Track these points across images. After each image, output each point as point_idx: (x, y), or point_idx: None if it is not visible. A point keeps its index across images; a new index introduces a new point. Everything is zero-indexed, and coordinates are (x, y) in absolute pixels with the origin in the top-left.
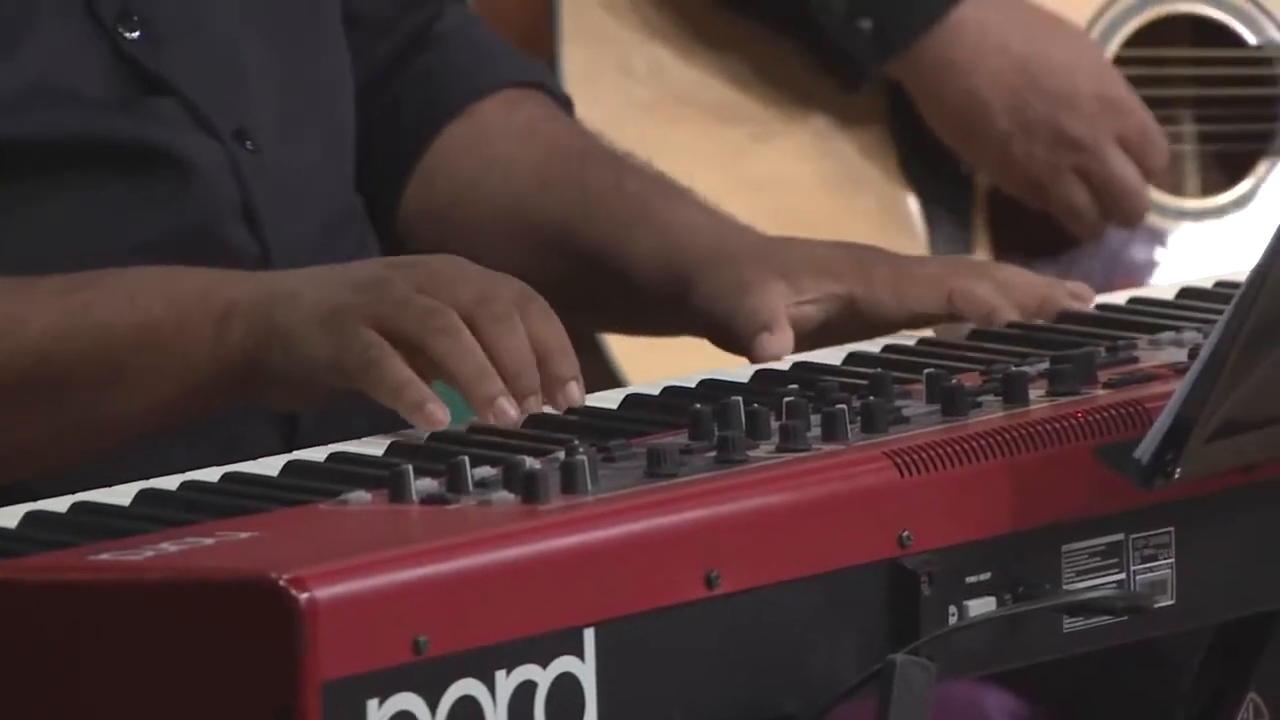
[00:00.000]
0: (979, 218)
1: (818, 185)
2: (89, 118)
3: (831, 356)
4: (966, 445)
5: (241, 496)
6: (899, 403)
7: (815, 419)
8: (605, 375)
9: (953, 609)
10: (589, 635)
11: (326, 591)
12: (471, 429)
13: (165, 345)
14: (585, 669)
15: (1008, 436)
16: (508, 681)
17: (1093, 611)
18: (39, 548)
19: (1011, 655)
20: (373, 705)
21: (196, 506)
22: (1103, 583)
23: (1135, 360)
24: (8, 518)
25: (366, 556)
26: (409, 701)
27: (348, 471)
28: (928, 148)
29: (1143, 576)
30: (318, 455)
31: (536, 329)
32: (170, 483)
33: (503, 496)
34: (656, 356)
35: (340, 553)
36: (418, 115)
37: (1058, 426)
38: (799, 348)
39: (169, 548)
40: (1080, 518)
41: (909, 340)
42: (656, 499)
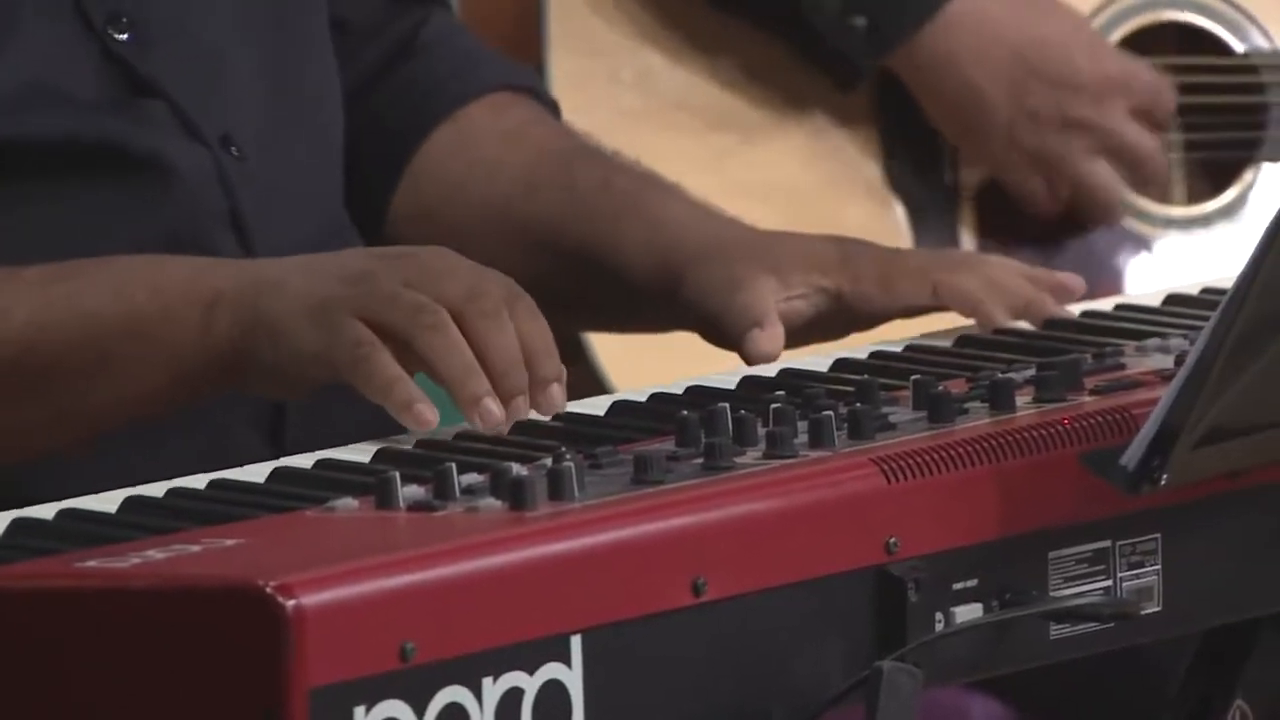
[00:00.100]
0: (965, 222)
1: (806, 189)
2: (78, 119)
3: (818, 363)
4: (953, 452)
5: (228, 503)
6: (886, 409)
7: (802, 426)
8: (591, 380)
9: (939, 615)
10: (576, 642)
11: (313, 598)
12: (458, 436)
13: (151, 334)
14: (572, 676)
15: (994, 443)
16: (495, 688)
17: (1079, 618)
18: (25, 555)
19: (998, 662)
20: (360, 712)
21: (183, 514)
22: (1089, 589)
23: (1122, 367)
24: None
25: (353, 563)
26: (396, 709)
27: (335, 478)
28: (915, 151)
29: (1129, 583)
30: (304, 462)
31: (522, 328)
32: (157, 490)
33: (490, 503)
34: (642, 362)
35: (327, 560)
36: (405, 120)
37: (1044, 433)
38: (789, 342)
39: (155, 555)
40: (1067, 524)
41: (896, 347)
42: (643, 506)
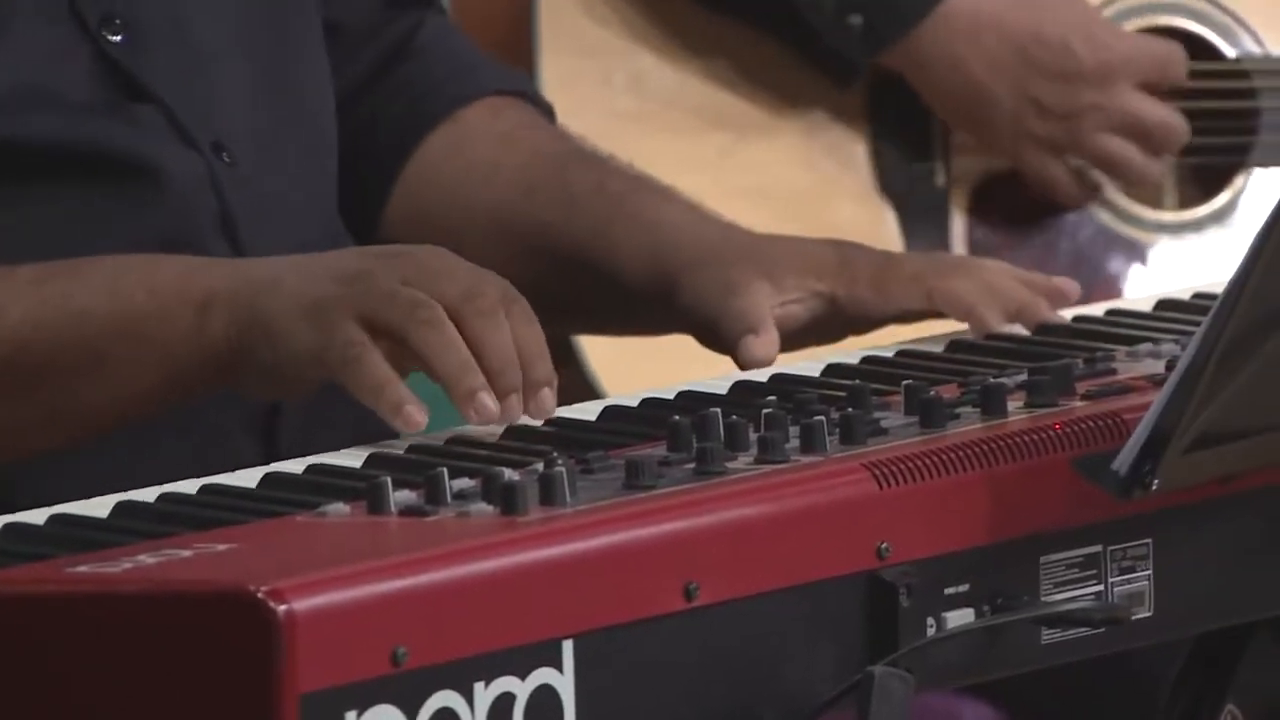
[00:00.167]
0: (956, 224)
1: (799, 190)
2: (71, 122)
3: (810, 368)
4: (945, 457)
5: (219, 508)
6: (877, 414)
7: (794, 431)
8: (582, 385)
9: (931, 620)
10: (568, 647)
11: (305, 603)
12: (450, 440)
13: (145, 334)
14: (564, 681)
15: (986, 448)
16: (486, 693)
17: (1071, 623)
18: (16, 560)
19: (990, 667)
20: (351, 717)
21: (174, 519)
22: (1081, 594)
23: (1113, 372)
24: None
25: (345, 568)
26: (387, 713)
27: (326, 483)
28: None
29: (1121, 588)
30: (296, 467)
31: (517, 330)
32: (148, 495)
33: (481, 508)
34: (633, 366)
35: (318, 564)
36: (400, 124)
37: (1036, 438)
38: (784, 346)
39: (147, 560)
40: (1058, 529)
41: (887, 352)
42: (635, 511)
